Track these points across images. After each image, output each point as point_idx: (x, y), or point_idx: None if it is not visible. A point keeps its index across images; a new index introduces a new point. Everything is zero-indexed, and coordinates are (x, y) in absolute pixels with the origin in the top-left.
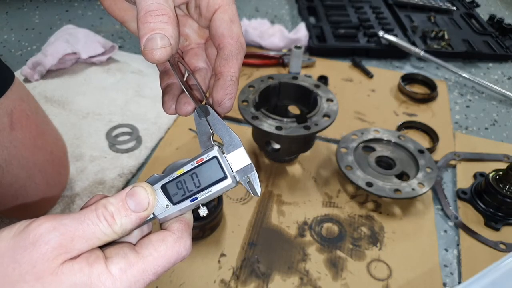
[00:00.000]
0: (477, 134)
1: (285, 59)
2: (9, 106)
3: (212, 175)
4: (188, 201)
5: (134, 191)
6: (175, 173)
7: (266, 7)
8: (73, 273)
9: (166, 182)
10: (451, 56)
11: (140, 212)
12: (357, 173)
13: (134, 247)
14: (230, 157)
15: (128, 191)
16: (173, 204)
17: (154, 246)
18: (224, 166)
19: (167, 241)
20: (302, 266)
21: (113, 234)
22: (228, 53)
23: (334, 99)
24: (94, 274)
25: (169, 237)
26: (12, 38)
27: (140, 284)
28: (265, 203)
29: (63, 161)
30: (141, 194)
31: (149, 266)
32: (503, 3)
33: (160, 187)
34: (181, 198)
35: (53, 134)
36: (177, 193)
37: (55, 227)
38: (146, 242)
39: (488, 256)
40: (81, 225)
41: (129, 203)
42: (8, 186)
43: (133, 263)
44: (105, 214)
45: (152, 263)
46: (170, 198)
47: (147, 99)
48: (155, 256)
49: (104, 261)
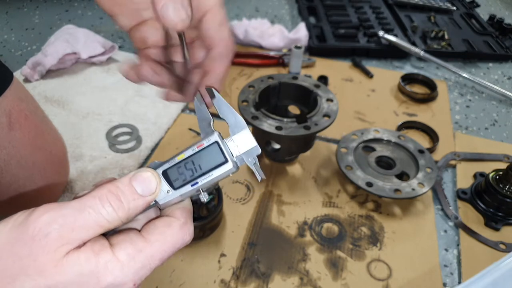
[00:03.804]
0: (477, 134)
1: (285, 59)
2: (7, 106)
3: (213, 160)
4: (189, 186)
5: (141, 175)
6: (176, 158)
7: (266, 7)
8: (78, 263)
9: (167, 168)
10: (451, 56)
11: (147, 196)
12: (357, 173)
13: (141, 233)
14: (236, 138)
15: (132, 175)
16: (174, 189)
17: (160, 232)
18: (225, 151)
19: (173, 227)
20: (302, 266)
21: (118, 220)
22: (217, 54)
23: (334, 99)
24: (101, 262)
25: (174, 222)
26: (12, 38)
27: (146, 270)
28: (265, 203)
29: (63, 161)
30: (148, 177)
31: (157, 252)
32: (503, 3)
33: (161, 172)
34: (182, 183)
35: (53, 134)
36: (178, 178)
37: (54, 219)
38: (152, 227)
39: (488, 256)
40: (82, 214)
41: (137, 187)
42: (7, 186)
43: (141, 248)
44: (111, 199)
45: (159, 248)
46: (171, 183)
47: (147, 99)
48: (162, 241)
49: (110, 248)
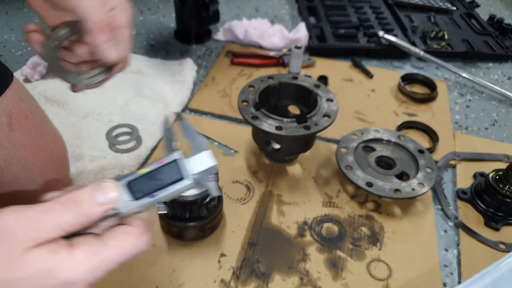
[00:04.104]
0: (477, 134)
1: (285, 59)
2: (7, 106)
3: (172, 176)
4: (149, 198)
5: (101, 185)
6: (139, 172)
7: (266, 7)
8: (38, 260)
9: (130, 180)
10: (451, 56)
11: (106, 205)
12: (357, 173)
13: (100, 237)
14: (196, 158)
15: (94, 185)
16: (135, 200)
17: (117, 238)
18: (183, 168)
19: (130, 234)
20: (302, 266)
21: (77, 224)
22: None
23: (334, 99)
24: (58, 260)
25: (132, 231)
26: (12, 38)
27: (101, 271)
28: (265, 203)
29: (63, 161)
30: (107, 188)
31: (112, 255)
32: (503, 3)
33: (125, 184)
34: (142, 195)
35: (53, 134)
36: (139, 190)
37: (19, 219)
38: (111, 233)
39: (488, 256)
40: (45, 216)
41: (96, 196)
42: (7, 186)
43: (97, 251)
44: (72, 205)
45: (115, 252)
46: (133, 194)
47: (147, 99)
48: (119, 247)
49: (67, 248)
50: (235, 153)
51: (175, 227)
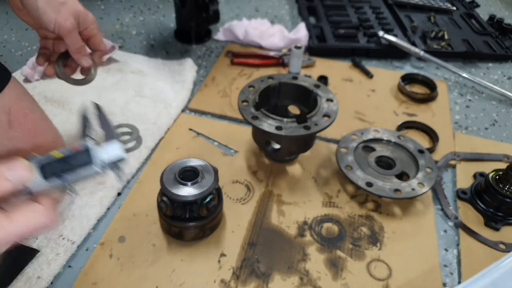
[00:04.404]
0: (477, 134)
1: (285, 59)
2: (7, 104)
3: (81, 161)
4: (58, 179)
5: (12, 163)
6: (52, 154)
7: (266, 7)
8: None
9: (44, 161)
10: (451, 56)
11: (15, 182)
12: (357, 173)
13: (5, 212)
14: (106, 146)
15: (5, 162)
16: (45, 180)
17: (22, 213)
18: (94, 156)
19: (36, 211)
20: (302, 266)
21: None
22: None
23: (334, 99)
24: None
25: (38, 207)
26: (12, 38)
27: (3, 243)
28: (265, 203)
29: None
30: (17, 166)
31: (15, 229)
32: (503, 3)
33: (38, 164)
34: (51, 175)
35: (52, 133)
36: (50, 171)
37: None
38: (17, 207)
39: (488, 256)
40: None
41: (6, 173)
42: None
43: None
44: None
45: (18, 226)
46: (44, 175)
47: (147, 99)
48: (22, 221)
49: None
50: (235, 153)
51: (175, 227)
